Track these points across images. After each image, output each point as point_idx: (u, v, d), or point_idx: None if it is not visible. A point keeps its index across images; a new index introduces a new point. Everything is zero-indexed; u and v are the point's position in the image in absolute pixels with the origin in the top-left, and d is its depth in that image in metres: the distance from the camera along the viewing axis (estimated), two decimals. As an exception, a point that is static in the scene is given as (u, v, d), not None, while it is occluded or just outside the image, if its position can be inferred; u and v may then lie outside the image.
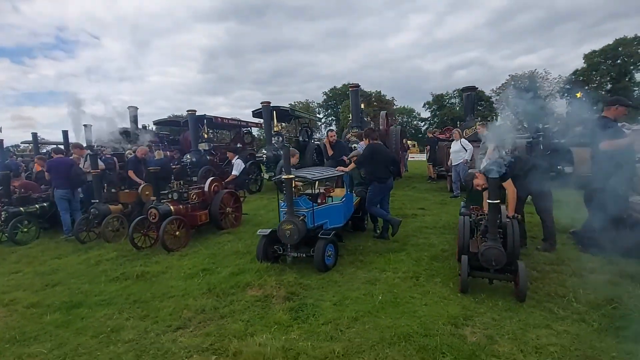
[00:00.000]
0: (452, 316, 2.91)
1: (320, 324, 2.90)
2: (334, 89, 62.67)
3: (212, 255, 4.88)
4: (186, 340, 2.74)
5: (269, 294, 3.48)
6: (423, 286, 3.56)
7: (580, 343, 2.48)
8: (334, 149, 7.10)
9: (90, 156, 6.14)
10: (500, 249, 3.23)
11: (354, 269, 4.13)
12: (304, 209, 4.21)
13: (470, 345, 2.50)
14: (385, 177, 5.05)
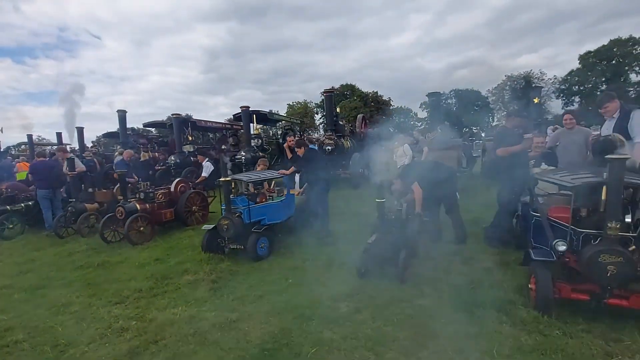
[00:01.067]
0: (339, 293, 3.56)
1: (230, 300, 3.57)
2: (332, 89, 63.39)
3: (169, 248, 5.57)
4: (118, 311, 3.43)
5: (200, 278, 4.16)
6: (332, 272, 4.22)
7: (424, 313, 3.13)
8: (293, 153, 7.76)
9: (68, 159, 6.84)
10: (387, 240, 3.88)
11: (284, 259, 4.80)
12: (240, 207, 4.88)
13: (338, 314, 3.15)
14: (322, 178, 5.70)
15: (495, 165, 4.95)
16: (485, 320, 2.92)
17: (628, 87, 45.94)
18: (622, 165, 2.61)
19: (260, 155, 11.48)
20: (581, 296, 2.92)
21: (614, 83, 46.09)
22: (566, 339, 2.61)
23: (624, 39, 46.53)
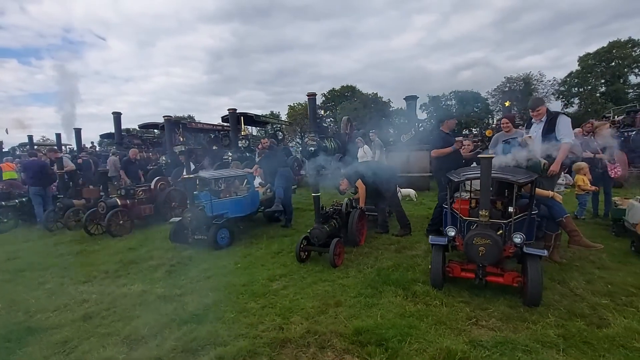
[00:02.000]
0: (276, 274, 4.11)
1: (181, 280, 4.14)
2: (333, 90, 63.92)
3: (144, 239, 6.15)
4: (84, 288, 4.01)
5: (161, 263, 4.74)
6: (278, 258, 4.77)
7: (339, 290, 3.66)
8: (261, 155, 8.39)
9: (57, 159, 7.48)
10: (321, 229, 4.42)
11: (241, 247, 5.36)
12: (203, 201, 5.45)
13: (267, 290, 3.70)
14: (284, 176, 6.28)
15: (433, 166, 5.49)
16: (385, 294, 3.45)
17: (627, 89, 45.96)
18: (489, 163, 3.14)
19: (246, 155, 12.11)
20: (468, 274, 3.45)
21: (613, 85, 46.23)
22: (442, 308, 3.13)
23: (622, 41, 46.56)
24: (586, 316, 2.91)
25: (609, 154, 6.23)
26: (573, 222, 4.06)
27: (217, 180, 5.96)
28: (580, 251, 4.36)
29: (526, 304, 3.10)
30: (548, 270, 3.87)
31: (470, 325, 2.87)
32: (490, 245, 3.14)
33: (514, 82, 56.36)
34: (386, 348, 2.55)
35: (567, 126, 4.59)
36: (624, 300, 3.17)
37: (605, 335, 2.63)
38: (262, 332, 2.86)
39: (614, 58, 47.08)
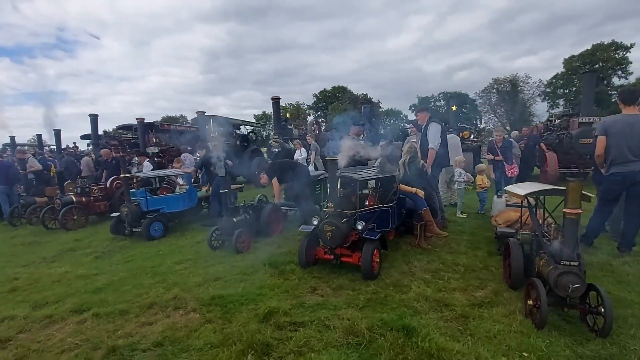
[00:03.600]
0: (184, 259, 4.87)
1: (103, 263, 4.89)
2: (324, 91, 64.59)
3: (93, 232, 6.90)
4: (20, 270, 4.77)
5: (94, 251, 5.50)
6: (196, 246, 5.52)
7: (228, 268, 4.41)
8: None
9: (20, 160, 8.22)
10: (228, 221, 5.17)
11: (172, 238, 6.11)
12: (139, 197, 6.20)
13: (169, 270, 4.45)
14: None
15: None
16: (259, 272, 4.20)
17: (611, 91, 46.80)
18: (334, 165, 3.91)
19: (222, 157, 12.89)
20: (328, 257, 4.21)
21: (597, 87, 47.18)
22: (295, 281, 3.89)
23: (606, 44, 47.42)
24: (400, 286, 3.67)
25: (506, 157, 7.02)
26: (430, 214, 4.83)
27: (154, 179, 6.71)
28: (450, 239, 5.16)
29: (364, 278, 3.86)
30: (409, 253, 4.64)
31: (307, 293, 3.62)
32: (335, 231, 3.91)
33: (501, 84, 57.18)
34: (227, 308, 3.31)
35: (433, 133, 5.39)
36: (440, 275, 3.93)
37: (400, 298, 3.39)
38: (142, 299, 3.62)
39: (597, 60, 47.86)
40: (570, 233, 2.69)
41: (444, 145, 5.74)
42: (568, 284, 2.66)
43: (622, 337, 2.61)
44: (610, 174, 4.34)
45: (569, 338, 2.64)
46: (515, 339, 2.67)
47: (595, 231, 4.57)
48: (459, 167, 7.29)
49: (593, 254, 4.41)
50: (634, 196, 4.23)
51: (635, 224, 4.31)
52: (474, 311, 3.11)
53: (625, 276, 3.77)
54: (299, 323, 3.02)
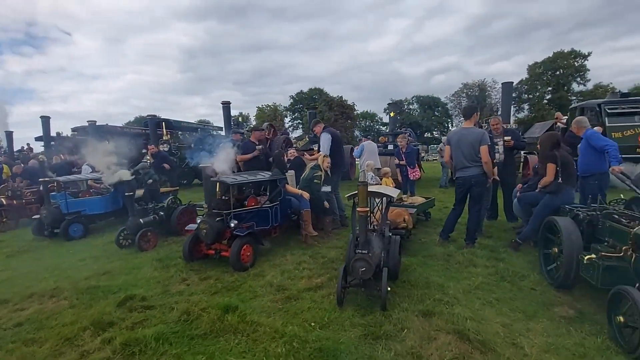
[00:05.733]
0: (89, 256, 5.32)
1: (10, 261, 5.29)
2: (301, 92, 65.02)
3: (20, 234, 7.23)
4: None
5: (10, 250, 5.87)
6: (107, 245, 5.97)
7: (124, 264, 4.90)
8: (154, 158, 9.58)
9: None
10: (135, 221, 5.65)
11: (92, 239, 6.53)
12: (59, 200, 6.59)
13: (69, 266, 4.90)
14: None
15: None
16: (145, 268, 4.72)
17: (570, 97, 49.28)
18: (207, 170, 4.48)
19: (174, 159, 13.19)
20: (210, 252, 4.77)
21: (558, 92, 49.65)
22: (173, 274, 4.43)
23: (566, 52, 49.76)
24: (259, 275, 4.28)
25: (409, 162, 7.78)
26: (309, 214, 5.46)
27: (75, 182, 7.11)
28: (343, 236, 5.83)
29: (233, 270, 4.44)
30: (292, 248, 5.26)
31: (176, 283, 4.17)
32: (208, 229, 4.48)
33: (470, 88, 59.20)
34: (96, 297, 3.82)
35: (324, 142, 6.07)
36: (303, 266, 4.55)
37: (250, 285, 3.99)
38: (26, 290, 4.07)
39: (558, 67, 50.20)
40: (362, 227, 3.35)
41: (339, 152, 6.42)
42: (359, 268, 3.32)
43: (395, 310, 3.28)
44: (456, 178, 5.10)
45: (355, 311, 3.30)
46: (316, 313, 3.30)
47: (450, 227, 5.30)
48: (370, 171, 8.00)
49: (446, 247, 5.15)
50: (473, 197, 5.00)
51: (475, 221, 5.07)
52: (302, 294, 3.73)
53: (453, 264, 4.50)
54: (150, 306, 3.57)
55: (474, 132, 4.79)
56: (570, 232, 3.45)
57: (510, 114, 11.16)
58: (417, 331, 2.91)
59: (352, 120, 63.03)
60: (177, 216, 6.21)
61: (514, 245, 4.88)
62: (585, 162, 5.35)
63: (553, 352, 2.61)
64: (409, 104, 64.80)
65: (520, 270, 4.19)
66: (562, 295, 3.53)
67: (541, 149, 4.80)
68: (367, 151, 8.36)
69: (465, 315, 3.13)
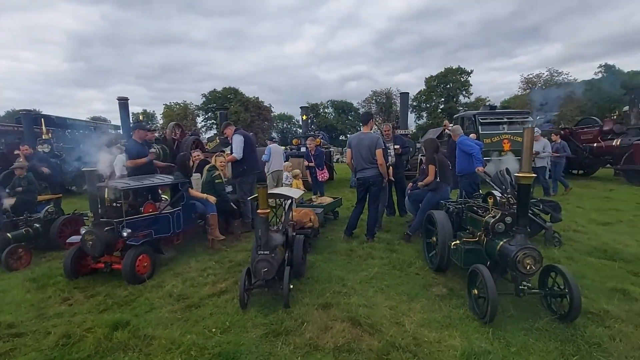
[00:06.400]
0: None
1: None
2: (214, 91, 62.09)
3: None
4: None
5: None
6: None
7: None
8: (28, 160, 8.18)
9: None
10: (4, 235, 4.76)
11: None
12: None
13: None
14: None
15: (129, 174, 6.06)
16: (15, 290, 4.03)
17: (458, 107, 57.04)
18: (91, 175, 4.04)
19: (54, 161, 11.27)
20: (100, 265, 4.29)
21: (449, 103, 57.13)
22: (51, 294, 3.87)
23: (454, 68, 57.48)
24: (158, 287, 4.02)
25: (318, 163, 8.15)
26: (216, 218, 5.34)
27: None
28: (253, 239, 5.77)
29: (127, 283, 4.07)
30: (197, 254, 5.05)
31: (56, 304, 3.65)
32: (95, 240, 4.03)
33: (379, 96, 64.13)
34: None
35: (236, 144, 6.01)
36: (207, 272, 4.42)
37: (147, 297, 3.73)
38: None
39: (449, 81, 57.70)
40: (263, 229, 3.41)
41: (252, 153, 6.37)
42: (261, 269, 3.37)
43: (297, 306, 3.43)
44: (357, 179, 5.54)
45: (259, 312, 3.35)
46: (218, 319, 3.25)
47: (353, 224, 5.72)
48: (287, 172, 8.14)
49: (350, 242, 5.55)
50: (371, 195, 5.49)
51: (374, 218, 5.58)
52: (205, 301, 3.63)
53: (354, 258, 4.88)
54: (19, 334, 3.07)
55: (370, 137, 5.28)
56: (444, 223, 4.06)
57: (407, 121, 12.52)
58: (315, 323, 3.10)
59: (269, 122, 62.81)
60: (57, 228, 5.40)
61: (405, 237, 5.51)
62: (459, 164, 6.33)
63: (427, 326, 3.05)
64: (324, 107, 67.30)
65: (409, 258, 4.76)
66: (438, 277, 4.12)
67: (425, 153, 5.53)
68: (276, 153, 8.48)
69: (360, 303, 3.45)
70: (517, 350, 2.64)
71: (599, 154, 13.11)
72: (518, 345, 2.71)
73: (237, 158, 6.02)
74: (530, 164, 2.86)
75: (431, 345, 2.76)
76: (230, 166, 6.32)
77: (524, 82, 47.50)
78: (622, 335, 2.77)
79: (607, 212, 7.31)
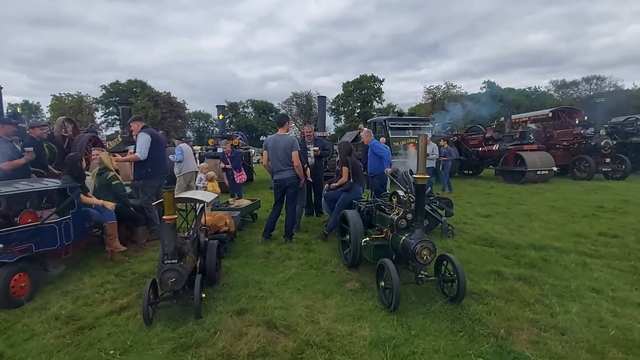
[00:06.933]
0: None
1: None
2: (117, 84, 55.61)
3: None
4: None
5: None
6: None
7: None
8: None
9: None
10: None
11: None
12: None
13: None
14: None
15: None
16: None
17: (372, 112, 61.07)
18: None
19: None
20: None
21: (364, 108, 60.85)
22: None
23: (368, 76, 61.37)
24: (40, 309, 3.43)
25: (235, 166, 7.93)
26: (115, 227, 4.79)
27: None
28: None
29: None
30: (94, 268, 4.45)
31: None
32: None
33: (299, 97, 65.08)
34: None
35: (140, 143, 5.48)
36: (105, 287, 3.94)
37: (26, 323, 3.16)
38: None
39: (364, 87, 61.38)
40: (169, 236, 3.17)
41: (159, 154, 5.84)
42: (168, 280, 3.12)
43: (210, 315, 3.27)
44: (274, 180, 5.53)
45: (166, 326, 3.10)
46: (118, 338, 2.91)
47: (270, 226, 5.69)
48: (202, 174, 7.68)
49: (267, 245, 5.50)
50: (289, 197, 5.54)
51: (292, 219, 5.64)
52: (101, 320, 3.22)
53: (272, 260, 4.85)
54: None
55: (286, 139, 5.33)
56: (355, 222, 4.31)
57: (325, 123, 12.96)
58: (229, 331, 2.99)
59: (183, 120, 58.79)
60: None
61: (322, 237, 5.69)
62: (370, 165, 6.80)
63: (340, 320, 3.20)
64: (244, 107, 65.69)
65: (325, 257, 4.93)
66: (352, 273, 4.36)
67: (339, 155, 5.80)
68: (187, 154, 7.98)
69: (276, 305, 3.44)
70: (416, 333, 2.94)
71: (483, 157, 15.45)
72: (417, 328, 3.02)
73: (140, 158, 5.47)
74: (424, 166, 3.22)
75: (343, 338, 2.90)
76: (133, 167, 5.71)
77: (426, 92, 53.28)
78: (496, 309, 3.29)
79: (489, 206, 8.63)
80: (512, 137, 14.17)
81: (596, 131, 13.60)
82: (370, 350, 2.72)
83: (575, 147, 14.17)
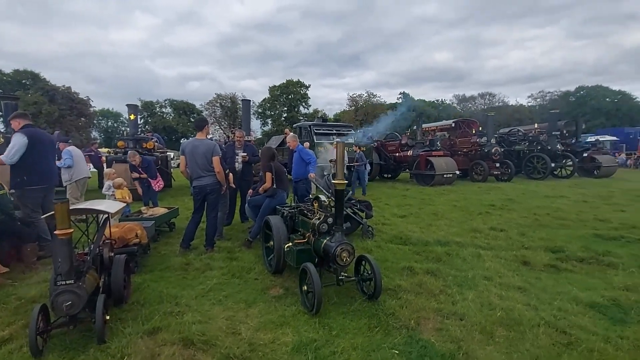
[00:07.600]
0: None
1: None
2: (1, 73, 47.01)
3: None
4: None
5: None
6: None
7: None
8: None
9: None
10: None
11: None
12: None
13: None
14: None
15: None
16: None
17: (299, 117, 61.80)
18: None
19: None
20: None
21: (290, 112, 61.25)
22: None
23: (295, 81, 62.04)
24: None
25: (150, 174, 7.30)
26: None
27: None
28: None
29: None
30: None
31: None
32: None
33: (223, 99, 62.79)
34: None
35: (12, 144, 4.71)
36: None
37: None
38: None
39: (290, 92, 61.85)
40: (62, 254, 2.77)
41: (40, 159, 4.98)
42: (63, 303, 2.72)
43: (116, 339, 2.94)
44: (193, 187, 5.23)
45: (61, 357, 2.70)
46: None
47: (190, 235, 5.36)
48: (109, 180, 6.86)
49: (186, 256, 5.15)
50: (209, 204, 5.29)
51: (213, 226, 5.39)
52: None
53: (190, 272, 4.56)
54: None
55: (206, 144, 5.09)
56: (279, 227, 4.31)
57: (249, 127, 12.70)
58: (139, 353, 2.73)
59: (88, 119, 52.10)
60: None
61: (246, 244, 5.55)
62: (295, 170, 6.88)
63: (262, 329, 3.15)
64: (161, 106, 60.91)
65: (248, 264, 4.81)
66: (276, 279, 4.33)
67: (262, 160, 5.75)
68: (78, 157, 7.02)
69: (194, 320, 3.25)
70: (337, 333, 3.05)
71: (400, 161, 16.82)
72: (338, 328, 3.13)
73: (6, 163, 4.67)
74: (343, 172, 3.37)
75: (265, 346, 2.86)
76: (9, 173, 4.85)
77: (349, 99, 55.87)
78: (408, 303, 3.59)
79: (404, 207, 9.40)
80: (423, 144, 15.71)
81: (488, 140, 15.88)
82: (292, 355, 2.74)
83: (473, 154, 16.40)
